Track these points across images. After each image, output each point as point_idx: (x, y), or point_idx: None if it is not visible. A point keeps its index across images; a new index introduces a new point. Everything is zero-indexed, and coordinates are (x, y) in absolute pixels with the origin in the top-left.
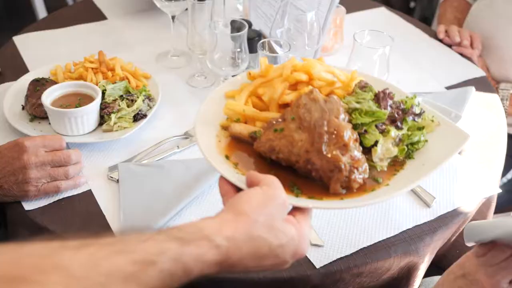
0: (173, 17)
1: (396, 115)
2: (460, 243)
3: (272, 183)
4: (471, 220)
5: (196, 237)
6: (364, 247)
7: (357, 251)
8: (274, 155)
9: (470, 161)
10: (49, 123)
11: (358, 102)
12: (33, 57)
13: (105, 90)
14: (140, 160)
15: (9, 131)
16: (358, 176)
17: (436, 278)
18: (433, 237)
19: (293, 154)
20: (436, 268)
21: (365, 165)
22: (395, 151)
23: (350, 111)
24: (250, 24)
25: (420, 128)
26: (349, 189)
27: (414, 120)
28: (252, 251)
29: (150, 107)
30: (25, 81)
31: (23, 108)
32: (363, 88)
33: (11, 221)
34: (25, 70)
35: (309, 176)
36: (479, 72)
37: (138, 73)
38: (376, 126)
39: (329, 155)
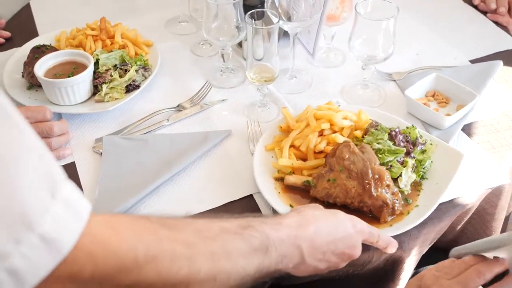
0: None
1: (410, 148)
2: (470, 230)
3: None
4: (477, 210)
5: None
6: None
7: None
8: (332, 199)
9: (479, 147)
10: None
11: (378, 143)
12: (46, 22)
13: (99, 59)
14: (128, 133)
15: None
16: (398, 205)
17: None
18: (421, 230)
19: (348, 197)
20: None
21: (400, 195)
22: (413, 176)
23: (374, 151)
24: None
25: (424, 151)
26: (393, 215)
27: (421, 149)
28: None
29: (146, 77)
30: (30, 47)
31: (23, 76)
32: (375, 127)
33: None
34: (35, 35)
35: (360, 211)
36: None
37: (139, 41)
38: (397, 160)
39: (378, 196)
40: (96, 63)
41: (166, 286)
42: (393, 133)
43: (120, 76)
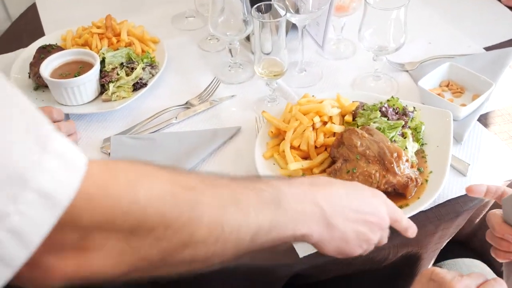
0: None
1: (404, 119)
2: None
3: None
4: (495, 202)
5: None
6: None
7: None
8: None
9: (496, 137)
10: None
11: (374, 122)
12: (52, 20)
13: (105, 58)
14: (136, 132)
15: None
16: (419, 177)
17: (464, 260)
18: (438, 225)
19: (373, 182)
20: (464, 248)
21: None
22: (416, 145)
23: None
24: None
25: (413, 119)
26: (415, 187)
27: (412, 116)
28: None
29: (153, 75)
30: (36, 47)
31: (29, 76)
32: (362, 107)
33: None
34: (42, 35)
35: (385, 191)
36: None
37: (146, 38)
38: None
39: (402, 173)
40: (102, 62)
41: (168, 231)
42: (384, 109)
43: (127, 75)
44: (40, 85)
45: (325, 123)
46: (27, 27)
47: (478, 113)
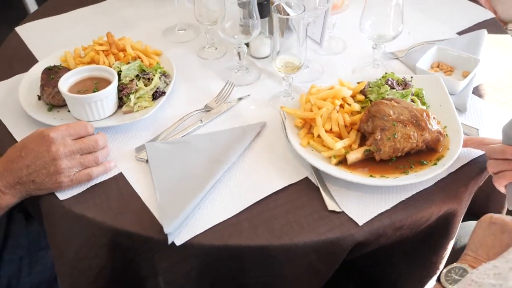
0: None
1: (407, 87)
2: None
3: None
4: None
5: None
6: (403, 200)
7: (397, 205)
8: (399, 152)
9: (491, 104)
10: (68, 111)
11: (387, 95)
12: (39, 46)
13: (120, 71)
14: (165, 138)
15: (27, 122)
16: (444, 130)
17: (472, 223)
18: (467, 184)
19: (414, 142)
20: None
21: None
22: (424, 107)
23: None
24: None
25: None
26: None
27: (410, 84)
28: None
29: (167, 84)
30: (36, 70)
31: (39, 98)
32: (368, 86)
33: (47, 212)
34: (33, 60)
35: (419, 151)
36: (488, 14)
37: (149, 51)
38: None
39: (435, 129)
40: (118, 75)
41: None
42: (389, 82)
43: (145, 85)
44: (54, 105)
45: (341, 105)
46: (15, 54)
47: (471, 86)
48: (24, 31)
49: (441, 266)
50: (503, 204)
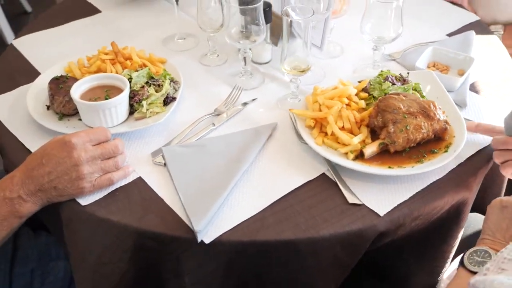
0: (177, 0)
1: (409, 83)
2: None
3: None
4: None
5: None
6: (419, 191)
7: (414, 195)
8: (412, 142)
9: (490, 99)
10: (79, 119)
11: (390, 91)
12: (39, 58)
13: (131, 78)
14: (180, 142)
15: (39, 132)
16: (448, 119)
17: (472, 214)
18: (476, 173)
19: (424, 132)
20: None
21: None
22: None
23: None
24: None
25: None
26: None
27: (408, 80)
28: None
29: (176, 90)
30: (41, 82)
31: (48, 108)
32: (369, 83)
33: (68, 219)
34: (35, 71)
35: (428, 140)
36: (473, 17)
37: (154, 59)
38: None
39: (442, 119)
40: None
41: None
42: (390, 79)
43: (156, 91)
44: (64, 114)
45: (347, 104)
46: (15, 66)
47: (467, 83)
48: (21, 44)
49: (451, 256)
50: (499, 195)
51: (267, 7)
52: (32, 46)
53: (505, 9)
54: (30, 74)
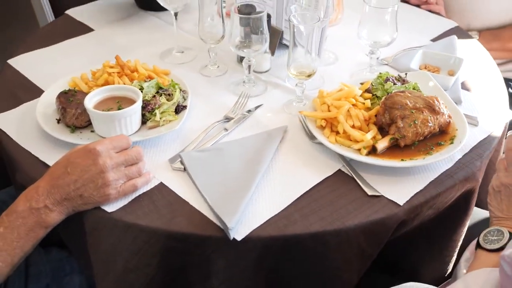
0: (175, 14)
1: (408, 83)
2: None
3: None
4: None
5: None
6: (432, 181)
7: (428, 185)
8: (421, 136)
9: (481, 95)
10: (91, 131)
11: (393, 90)
12: (39, 75)
13: (142, 88)
14: (195, 148)
15: (52, 146)
16: (450, 113)
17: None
18: (483, 161)
19: (431, 126)
20: None
21: None
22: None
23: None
24: (254, 7)
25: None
26: None
27: (406, 80)
28: None
29: (185, 98)
30: (48, 96)
31: (58, 122)
32: (371, 84)
33: (93, 228)
34: (36, 88)
35: (433, 134)
36: (453, 24)
37: (158, 70)
38: None
39: (446, 113)
40: None
41: None
42: (391, 79)
43: (167, 100)
44: (77, 126)
45: (353, 104)
46: (16, 84)
47: (459, 82)
48: (17, 63)
49: (459, 244)
50: None
51: (268, 18)
52: (29, 64)
53: (479, 16)
54: (32, 90)
